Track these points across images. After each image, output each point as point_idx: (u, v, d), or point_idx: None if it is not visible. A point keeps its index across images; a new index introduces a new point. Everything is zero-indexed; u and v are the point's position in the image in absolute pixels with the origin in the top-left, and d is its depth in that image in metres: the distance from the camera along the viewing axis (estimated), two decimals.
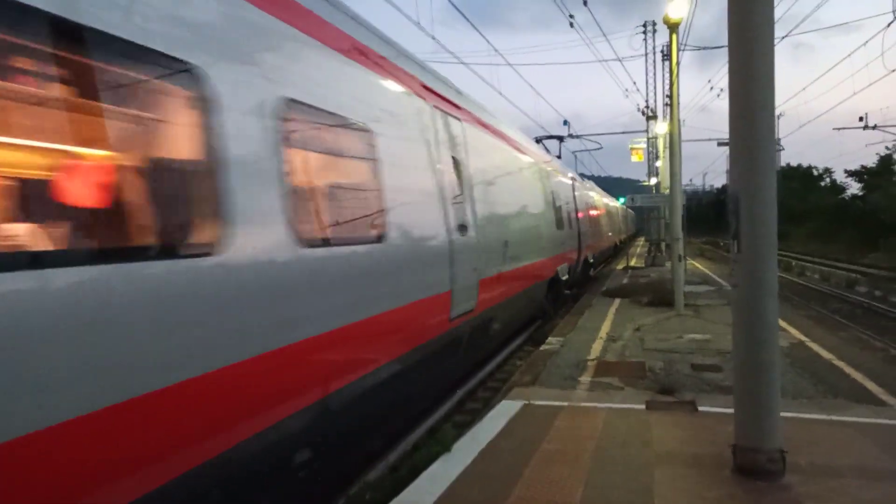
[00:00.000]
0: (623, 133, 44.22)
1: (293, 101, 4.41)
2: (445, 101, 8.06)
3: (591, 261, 23.40)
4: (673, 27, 14.93)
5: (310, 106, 4.68)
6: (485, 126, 10.07)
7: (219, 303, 3.50)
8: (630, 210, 59.02)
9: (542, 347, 10.62)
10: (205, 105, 3.59)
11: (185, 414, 3.31)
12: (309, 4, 5.03)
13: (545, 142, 22.34)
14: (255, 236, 3.85)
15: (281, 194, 4.10)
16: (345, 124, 5.26)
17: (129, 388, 2.93)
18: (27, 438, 2.48)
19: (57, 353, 2.62)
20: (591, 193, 26.58)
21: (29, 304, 2.52)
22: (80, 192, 3.02)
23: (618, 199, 42.83)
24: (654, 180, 37.55)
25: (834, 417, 6.38)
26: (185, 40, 3.50)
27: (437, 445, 5.70)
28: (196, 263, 3.40)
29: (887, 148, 49.57)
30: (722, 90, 26.32)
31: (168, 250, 3.33)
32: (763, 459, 4.80)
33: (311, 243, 4.41)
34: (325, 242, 4.76)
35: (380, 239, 5.46)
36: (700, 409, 6.78)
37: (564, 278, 15.97)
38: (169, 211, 3.54)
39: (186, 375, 3.25)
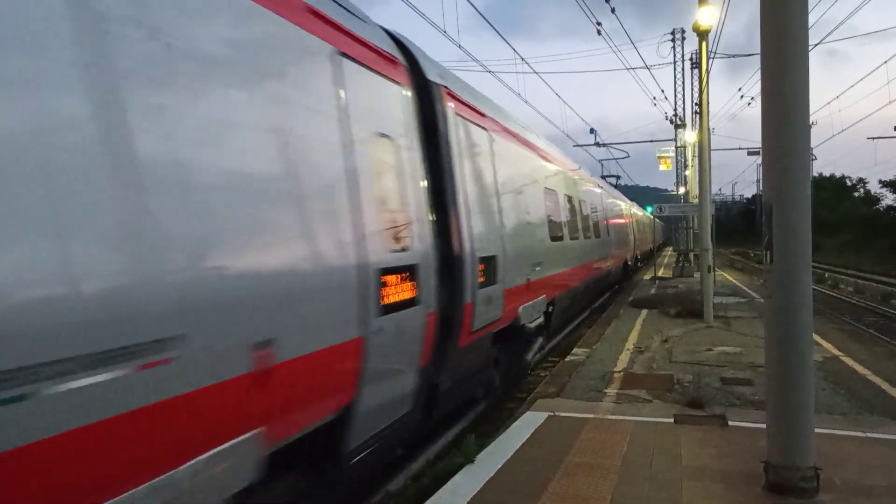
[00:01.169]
0: (650, 141, 43.73)
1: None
2: (601, 187, 21.69)
3: (638, 257, 36.36)
4: (703, 35, 14.77)
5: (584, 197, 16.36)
6: (602, 187, 22.16)
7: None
8: (657, 220, 58.81)
9: (568, 358, 10.50)
10: None
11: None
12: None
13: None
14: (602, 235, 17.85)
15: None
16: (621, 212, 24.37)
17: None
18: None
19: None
20: (636, 212, 36.73)
21: None
22: None
23: (645, 208, 42.44)
24: (682, 189, 37.08)
25: (870, 435, 6.20)
26: None
27: (460, 456, 5.65)
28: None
29: None
30: (753, 98, 25.90)
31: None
32: (796, 477, 4.67)
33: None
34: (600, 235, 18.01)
35: (599, 236, 18.11)
36: (730, 423, 6.63)
37: (629, 264, 28.81)
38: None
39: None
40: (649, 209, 35.31)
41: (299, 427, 3.98)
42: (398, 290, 5.02)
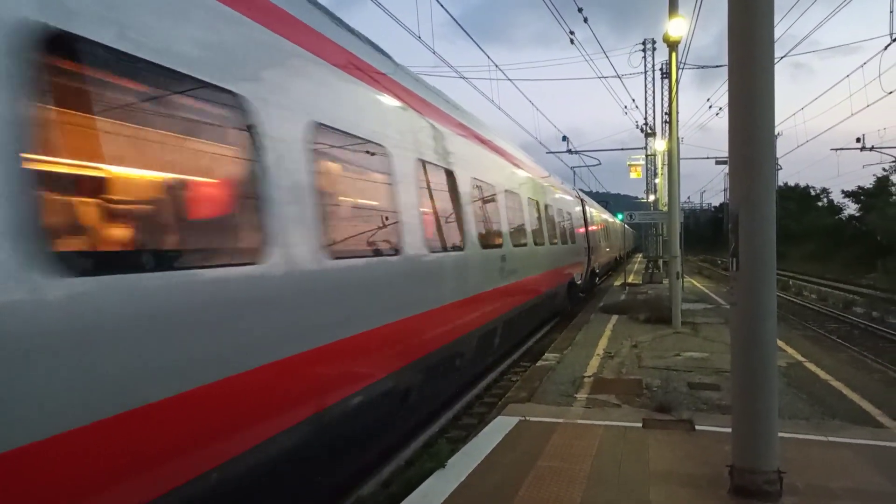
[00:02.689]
0: (622, 149, 44.42)
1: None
2: (612, 217, 40.29)
3: (623, 254, 49.20)
4: (673, 45, 15.02)
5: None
6: (611, 217, 39.78)
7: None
8: (628, 227, 60.37)
9: (539, 363, 10.56)
10: None
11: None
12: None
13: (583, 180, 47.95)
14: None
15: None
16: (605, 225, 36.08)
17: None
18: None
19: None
20: (616, 224, 45.41)
21: None
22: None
23: (616, 215, 43.07)
24: (652, 197, 37.67)
25: (831, 439, 6.34)
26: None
27: (431, 461, 5.65)
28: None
29: (884, 169, 49.83)
30: (721, 109, 26.45)
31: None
32: (760, 480, 4.76)
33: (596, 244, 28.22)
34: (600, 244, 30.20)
35: (609, 239, 36.68)
36: (697, 427, 6.73)
37: (617, 258, 43.07)
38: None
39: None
40: (620, 216, 35.83)
41: (580, 273, 20.79)
42: (586, 253, 22.25)
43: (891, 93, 18.09)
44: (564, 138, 38.15)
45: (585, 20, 15.29)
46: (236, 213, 4.09)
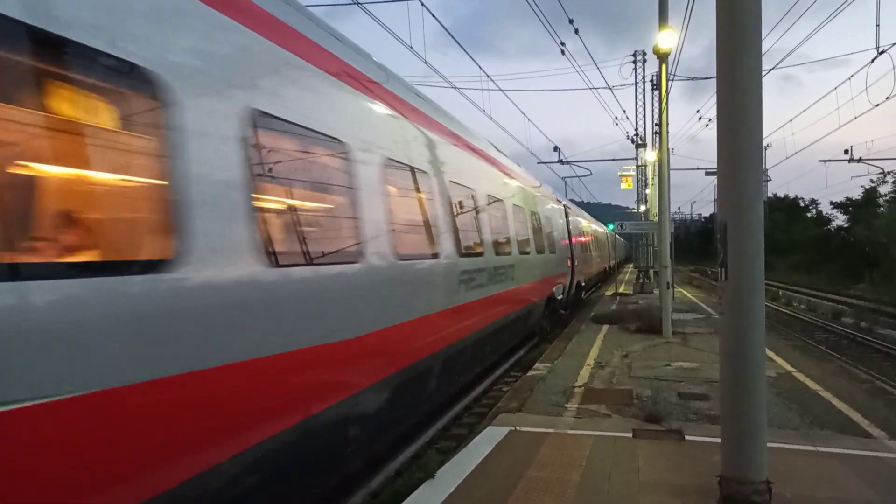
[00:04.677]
0: (612, 160, 44.73)
1: None
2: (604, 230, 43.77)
3: (615, 263, 50.10)
4: (662, 57, 15.13)
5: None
6: (607, 230, 43.49)
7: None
8: (619, 237, 60.79)
9: (529, 373, 10.56)
10: None
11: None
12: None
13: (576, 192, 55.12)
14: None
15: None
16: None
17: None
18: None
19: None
20: (612, 237, 50.47)
21: None
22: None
23: (607, 225, 43.27)
24: (643, 207, 37.84)
25: (820, 448, 6.37)
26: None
27: (420, 471, 5.63)
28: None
29: (872, 181, 50.19)
30: (711, 120, 26.67)
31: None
32: (749, 491, 4.76)
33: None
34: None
35: (607, 250, 42.96)
36: (687, 437, 6.74)
37: (612, 264, 43.98)
38: None
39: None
40: (611, 227, 36.00)
41: (608, 265, 41.54)
42: (609, 256, 42.31)
43: (878, 105, 18.24)
44: (556, 149, 38.38)
45: (576, 31, 15.41)
46: None
